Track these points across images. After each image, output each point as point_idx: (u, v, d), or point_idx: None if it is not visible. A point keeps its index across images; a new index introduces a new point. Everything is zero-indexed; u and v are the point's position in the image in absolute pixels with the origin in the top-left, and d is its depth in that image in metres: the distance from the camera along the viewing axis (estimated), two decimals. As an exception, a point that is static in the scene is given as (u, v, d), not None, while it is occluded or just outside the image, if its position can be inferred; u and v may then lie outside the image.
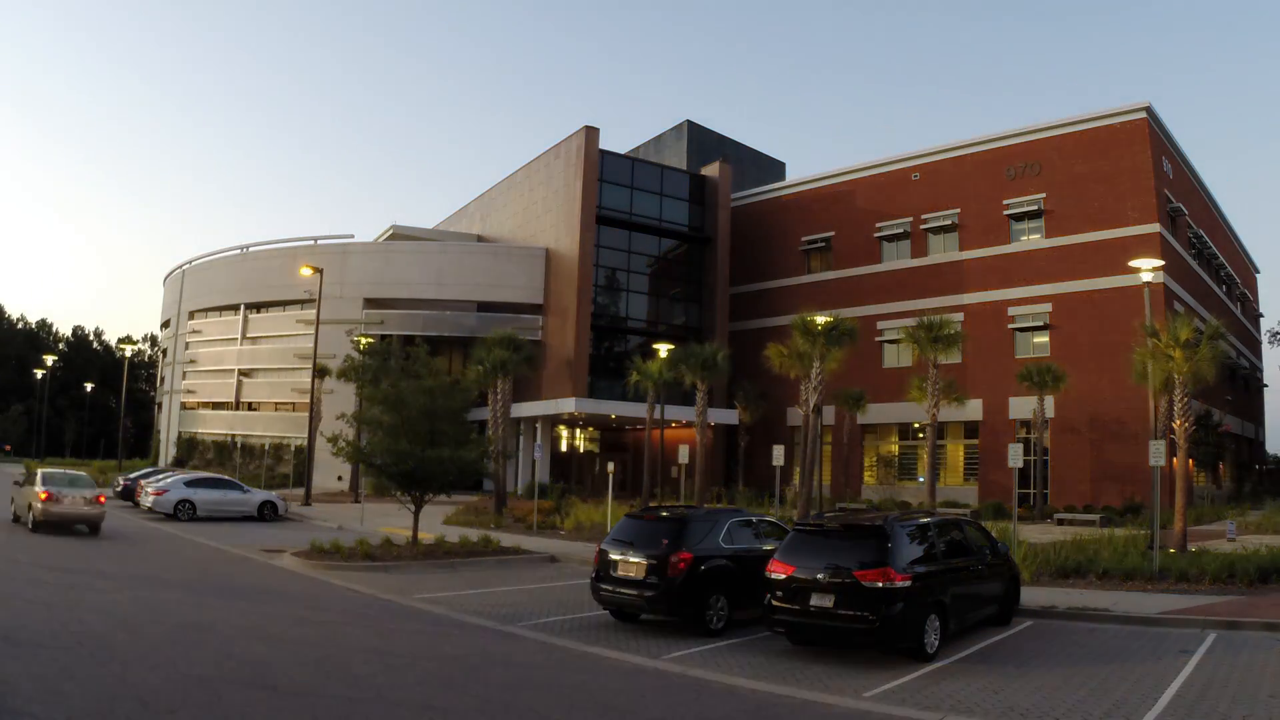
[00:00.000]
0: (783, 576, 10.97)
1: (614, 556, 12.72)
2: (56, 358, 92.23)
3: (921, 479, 40.14)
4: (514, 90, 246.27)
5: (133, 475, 37.47)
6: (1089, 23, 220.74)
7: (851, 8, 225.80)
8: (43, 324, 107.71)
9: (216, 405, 60.21)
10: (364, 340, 43.04)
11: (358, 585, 15.96)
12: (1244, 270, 62.01)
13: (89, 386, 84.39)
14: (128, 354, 75.17)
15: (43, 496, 21.79)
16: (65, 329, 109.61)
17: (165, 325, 71.63)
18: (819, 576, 10.71)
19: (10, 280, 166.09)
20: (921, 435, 41.00)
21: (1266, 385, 66.34)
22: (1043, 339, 40.51)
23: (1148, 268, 21.00)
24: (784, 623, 10.94)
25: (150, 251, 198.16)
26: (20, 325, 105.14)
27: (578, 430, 53.55)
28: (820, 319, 30.42)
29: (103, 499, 22.90)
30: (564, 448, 52.05)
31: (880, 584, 10.27)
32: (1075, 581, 16.47)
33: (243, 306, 58.30)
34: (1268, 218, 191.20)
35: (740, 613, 12.51)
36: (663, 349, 34.93)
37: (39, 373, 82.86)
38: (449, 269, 52.43)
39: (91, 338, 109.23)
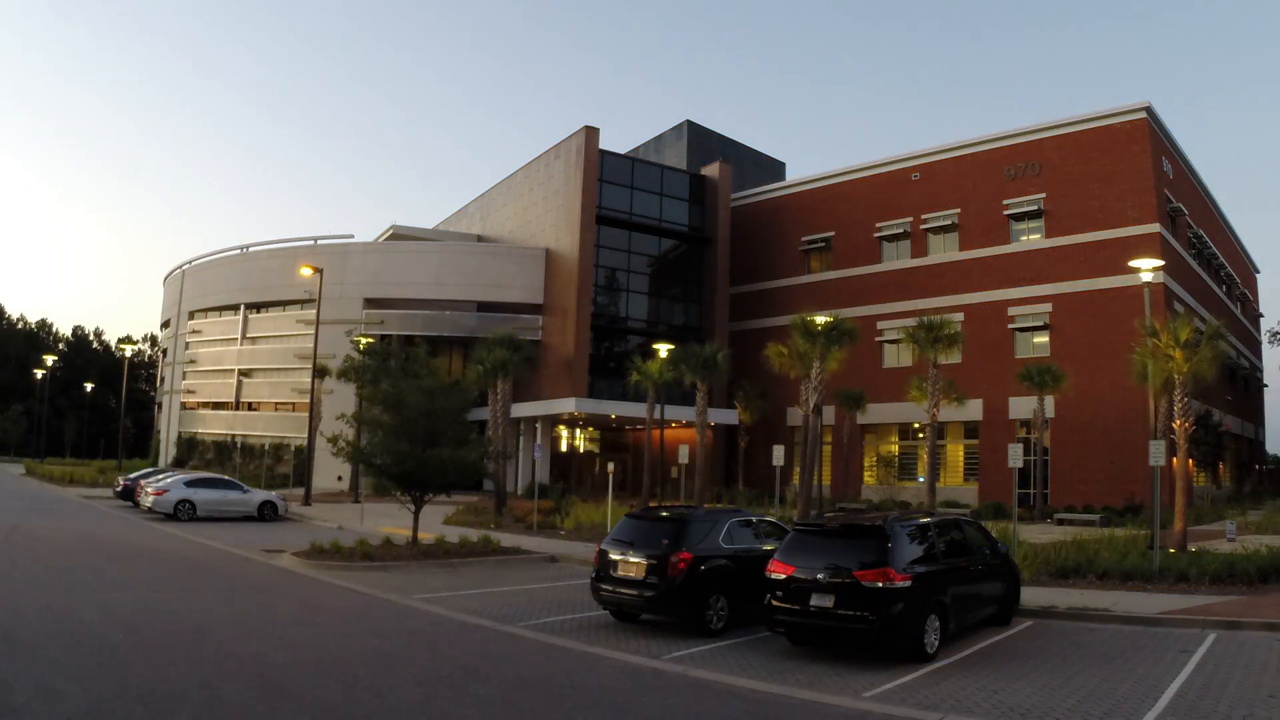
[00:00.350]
0: (783, 576, 10.96)
1: (614, 556, 12.71)
2: (56, 358, 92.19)
3: (921, 479, 40.13)
4: (514, 90, 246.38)
5: (133, 475, 37.43)
6: (1089, 23, 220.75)
7: (852, 8, 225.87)
8: (43, 324, 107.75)
9: (216, 405, 60.21)
10: (364, 340, 43.03)
11: (357, 585, 15.95)
12: (1244, 270, 62.01)
13: (89, 386, 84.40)
14: (128, 354, 75.21)
15: None
16: (65, 329, 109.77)
17: (165, 325, 71.64)
18: (819, 576, 10.71)
19: (10, 280, 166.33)
20: (921, 435, 40.99)
21: (1266, 385, 66.39)
22: (1043, 339, 40.50)
23: (1148, 268, 20.98)
24: (784, 623, 10.93)
25: (150, 251, 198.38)
26: (20, 325, 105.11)
27: (578, 430, 53.54)
28: (820, 319, 30.39)
29: None
30: (564, 448, 52.04)
31: (880, 584, 10.26)
32: (1075, 581, 16.45)
33: (243, 306, 58.30)
34: (1268, 218, 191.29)
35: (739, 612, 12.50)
36: (663, 349, 34.90)
37: (39, 373, 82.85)
38: (449, 269, 52.41)
39: (91, 338, 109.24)
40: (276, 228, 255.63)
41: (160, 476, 33.52)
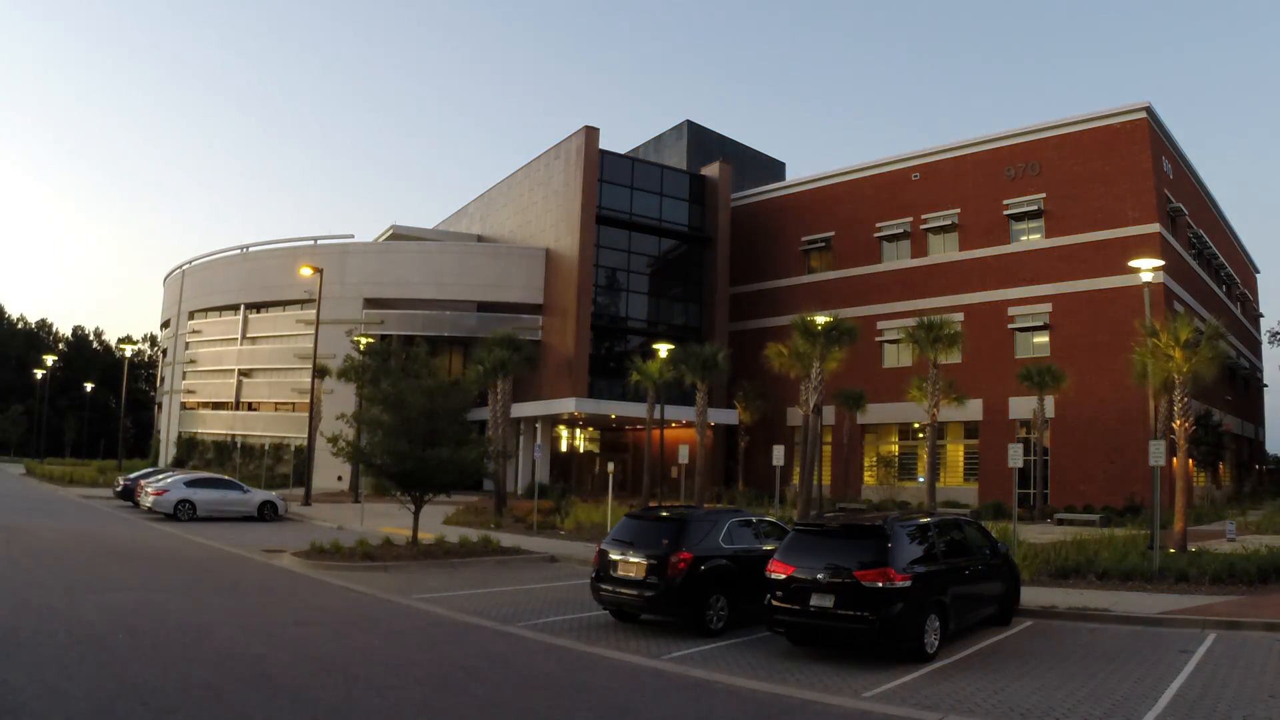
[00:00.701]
0: (783, 576, 10.96)
1: (614, 556, 12.71)
2: (56, 358, 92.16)
3: (921, 479, 40.12)
4: (514, 90, 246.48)
5: (133, 475, 37.42)
6: (1088, 23, 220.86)
7: (852, 8, 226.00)
8: (43, 324, 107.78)
9: (216, 405, 60.21)
10: (364, 340, 43.02)
11: (357, 585, 15.96)
12: (1244, 270, 62.01)
13: (89, 386, 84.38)
14: (128, 354, 75.23)
15: None
16: (65, 329, 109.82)
17: (165, 325, 71.64)
18: (819, 576, 10.71)
19: (10, 280, 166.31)
20: (921, 435, 40.98)
21: (1266, 385, 66.40)
22: (1043, 339, 40.50)
23: (1148, 268, 20.99)
24: (784, 623, 10.93)
25: (150, 251, 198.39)
26: (20, 325, 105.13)
27: (578, 430, 53.54)
28: (820, 319, 30.39)
29: None
30: (564, 448, 52.04)
31: (880, 584, 10.26)
32: (1075, 581, 16.45)
33: (243, 306, 58.30)
34: (1268, 218, 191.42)
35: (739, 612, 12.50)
36: (663, 349, 34.90)
37: (39, 373, 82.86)
38: (449, 269, 52.42)
39: (91, 338, 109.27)
40: (276, 228, 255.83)
41: (160, 477, 33.51)
